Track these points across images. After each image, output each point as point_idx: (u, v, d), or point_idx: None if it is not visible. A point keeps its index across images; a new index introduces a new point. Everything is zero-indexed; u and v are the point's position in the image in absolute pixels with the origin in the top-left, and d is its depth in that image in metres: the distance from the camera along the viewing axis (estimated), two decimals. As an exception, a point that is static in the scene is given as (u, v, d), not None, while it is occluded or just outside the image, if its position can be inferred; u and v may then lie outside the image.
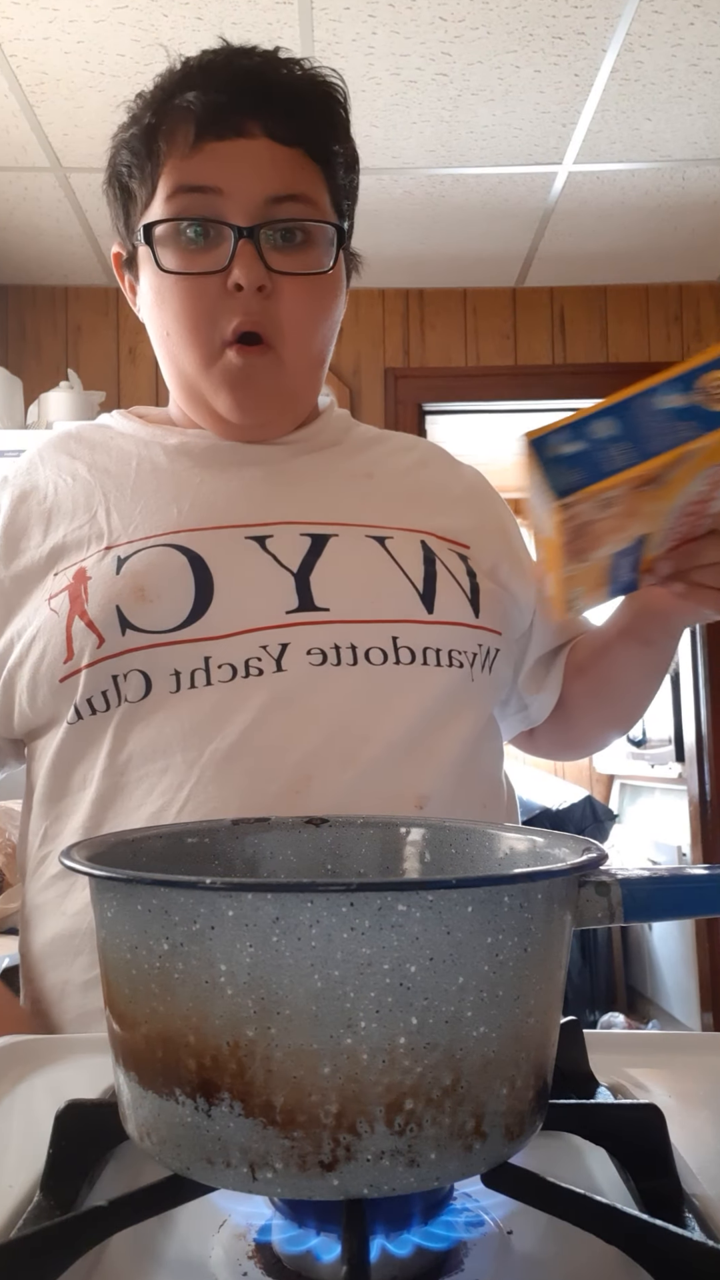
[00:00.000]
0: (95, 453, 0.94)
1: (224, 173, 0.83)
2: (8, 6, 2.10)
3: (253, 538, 0.85)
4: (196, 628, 0.80)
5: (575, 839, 0.50)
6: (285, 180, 0.84)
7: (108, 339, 3.52)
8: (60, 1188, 0.47)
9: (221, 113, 0.83)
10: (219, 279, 0.83)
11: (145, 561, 0.83)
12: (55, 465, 0.93)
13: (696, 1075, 0.63)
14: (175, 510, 0.87)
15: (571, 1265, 0.43)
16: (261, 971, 0.38)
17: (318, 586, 0.83)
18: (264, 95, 0.84)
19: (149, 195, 0.86)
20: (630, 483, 0.63)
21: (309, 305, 0.87)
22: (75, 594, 0.82)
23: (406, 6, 2.12)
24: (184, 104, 0.83)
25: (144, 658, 0.80)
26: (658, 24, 2.17)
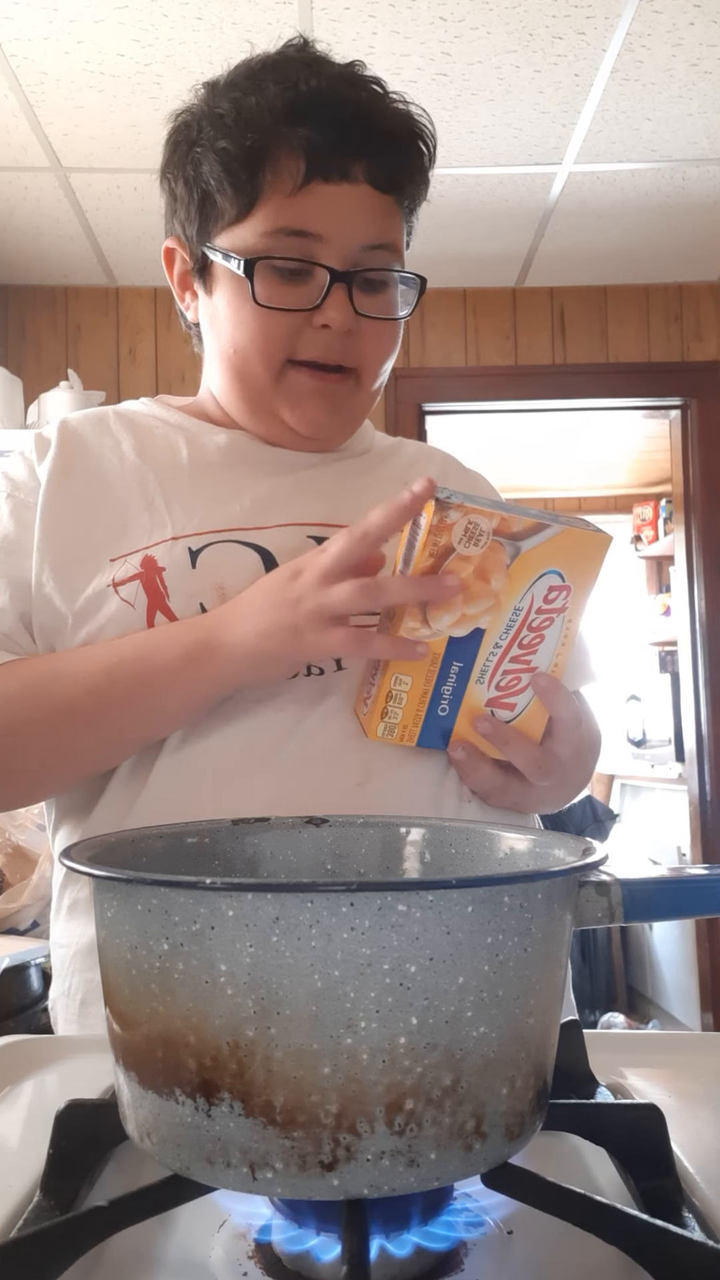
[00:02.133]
0: (140, 436, 0.95)
1: (327, 219, 0.85)
2: (8, 6, 2.10)
3: (313, 537, 0.88)
4: None
5: (575, 839, 0.50)
6: (380, 229, 0.87)
7: (108, 339, 3.52)
8: (60, 1188, 0.47)
9: (330, 154, 0.84)
10: (305, 315, 0.86)
11: (220, 557, 0.85)
12: (98, 441, 0.93)
13: (696, 1075, 0.63)
14: (237, 506, 0.89)
15: (571, 1265, 0.43)
16: (261, 971, 0.38)
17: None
18: (370, 138, 0.85)
19: (238, 216, 0.86)
20: (497, 524, 0.72)
21: (387, 344, 0.91)
22: (151, 585, 0.84)
23: (406, 6, 2.12)
24: (295, 138, 0.83)
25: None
26: (658, 24, 2.17)
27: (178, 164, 0.90)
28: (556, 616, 0.76)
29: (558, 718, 0.78)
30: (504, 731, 0.78)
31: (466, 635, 0.75)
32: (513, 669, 0.77)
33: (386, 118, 0.88)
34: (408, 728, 0.78)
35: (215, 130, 0.86)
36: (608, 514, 5.51)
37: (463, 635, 0.75)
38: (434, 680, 0.76)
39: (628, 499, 5.39)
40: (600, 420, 4.14)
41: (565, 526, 0.74)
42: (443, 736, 0.78)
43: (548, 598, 0.75)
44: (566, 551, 0.74)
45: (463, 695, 0.77)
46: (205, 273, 0.91)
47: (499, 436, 4.13)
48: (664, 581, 5.08)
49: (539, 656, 0.77)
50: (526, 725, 0.79)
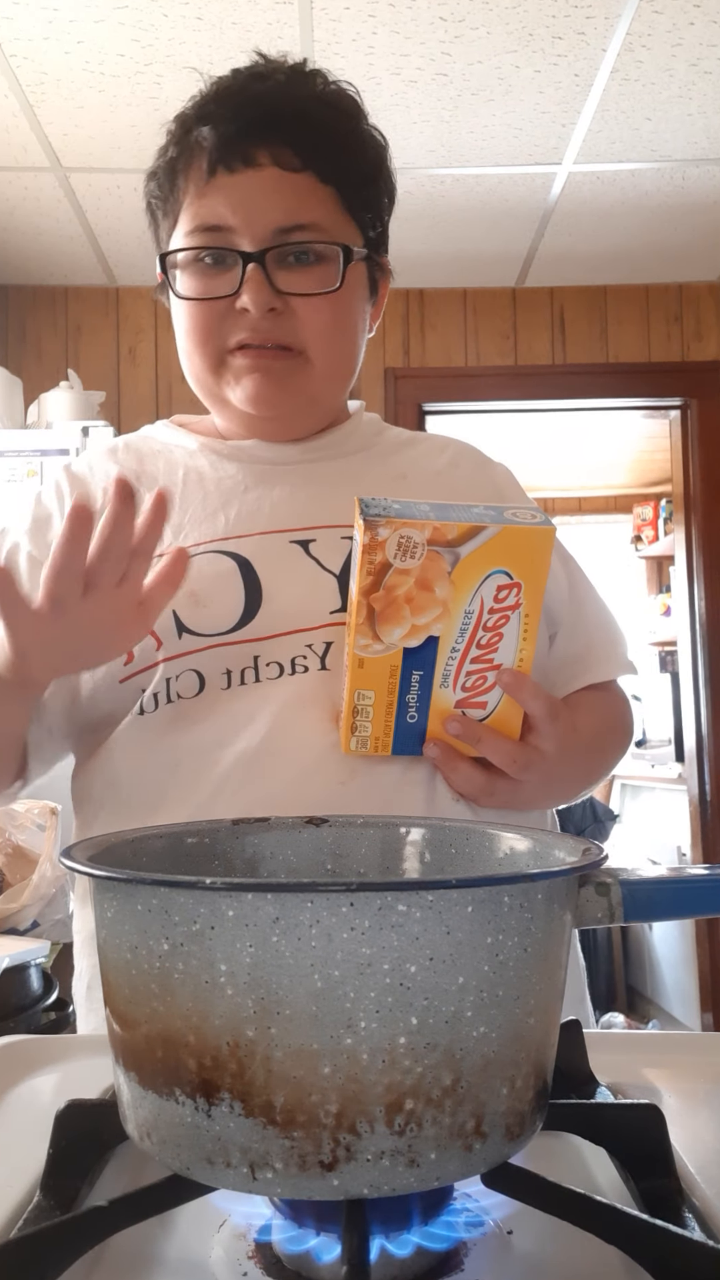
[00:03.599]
0: (143, 462, 0.98)
1: (233, 208, 0.87)
2: (8, 6, 2.10)
3: (296, 542, 0.90)
4: (247, 629, 0.85)
5: (575, 839, 0.50)
6: (292, 210, 0.87)
7: (108, 339, 3.51)
8: (60, 1188, 0.47)
9: (230, 144, 0.86)
10: (229, 301, 0.88)
11: (198, 568, 0.86)
12: (104, 474, 0.97)
13: (696, 1075, 0.63)
14: (223, 518, 0.91)
15: (571, 1265, 0.43)
16: (261, 971, 0.38)
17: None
18: (271, 123, 0.87)
19: (171, 226, 0.92)
20: (430, 534, 0.72)
21: (327, 319, 0.90)
22: None
23: (406, 6, 2.12)
24: (199, 138, 0.88)
25: (199, 659, 0.85)
26: (658, 24, 2.17)
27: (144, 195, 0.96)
28: (512, 614, 0.76)
29: (530, 712, 0.79)
30: (474, 729, 0.78)
31: (420, 644, 0.75)
32: (476, 669, 0.77)
33: (293, 99, 0.89)
34: (379, 739, 0.79)
35: (157, 155, 0.93)
36: (608, 514, 5.51)
37: (416, 645, 0.75)
38: (397, 690, 0.77)
39: (628, 499, 5.39)
40: (600, 420, 4.14)
41: (503, 525, 0.73)
42: (417, 742, 0.79)
43: (498, 597, 0.75)
44: (510, 549, 0.74)
45: (429, 700, 0.77)
46: (164, 288, 0.95)
47: (499, 436, 4.13)
48: (664, 581, 5.08)
49: (501, 654, 0.77)
50: (501, 722, 0.79)
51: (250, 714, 0.83)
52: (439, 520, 0.73)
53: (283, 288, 0.87)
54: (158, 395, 3.52)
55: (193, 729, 0.84)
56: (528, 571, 0.75)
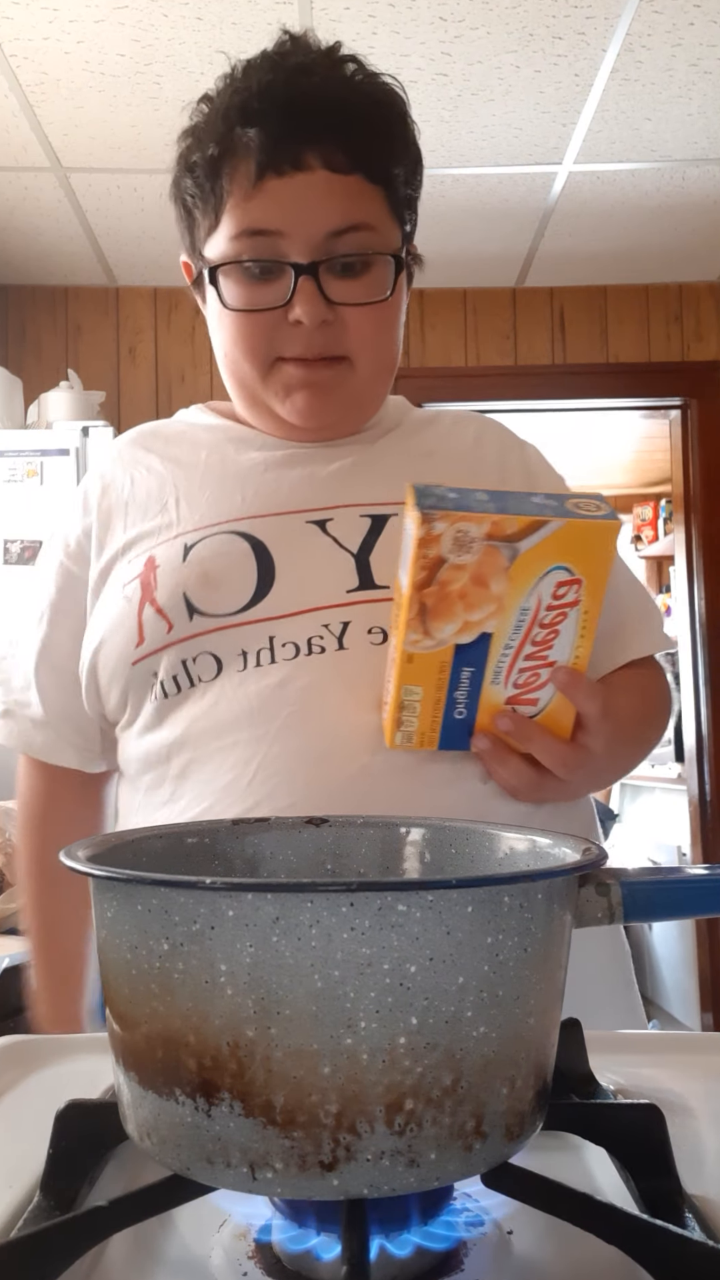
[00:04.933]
0: (170, 445, 0.98)
1: (284, 213, 0.85)
2: (8, 6, 2.10)
3: (313, 521, 0.89)
4: (260, 609, 0.84)
5: (575, 839, 0.50)
6: (344, 212, 0.85)
7: (108, 339, 3.51)
8: (60, 1188, 0.47)
9: (279, 147, 0.84)
10: (280, 312, 0.86)
11: (210, 548, 0.87)
12: (132, 459, 0.97)
13: (696, 1075, 0.63)
14: (239, 498, 0.90)
15: (571, 1265, 0.43)
16: (261, 971, 0.38)
17: (378, 566, 0.86)
18: (321, 124, 0.85)
19: (212, 226, 0.88)
20: (489, 528, 0.69)
21: (375, 326, 0.89)
22: (146, 581, 0.87)
23: (406, 6, 2.12)
24: (244, 138, 0.85)
25: (212, 640, 0.84)
26: (658, 24, 2.17)
27: (174, 184, 0.93)
28: (570, 610, 0.72)
29: (583, 712, 0.77)
30: (526, 728, 0.76)
31: (473, 641, 0.73)
32: (529, 665, 0.74)
33: (341, 98, 0.86)
34: (425, 734, 0.76)
35: (191, 146, 0.89)
36: (608, 514, 5.50)
37: (469, 642, 0.73)
38: (445, 687, 0.74)
39: (628, 499, 5.39)
40: (600, 420, 4.14)
41: (567, 520, 0.70)
42: (465, 737, 0.77)
43: (557, 593, 0.72)
44: (573, 545, 0.70)
45: (479, 696, 0.75)
46: (200, 284, 0.94)
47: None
48: (664, 581, 5.08)
49: (556, 651, 0.74)
50: (553, 720, 0.76)
51: (272, 694, 0.82)
52: (498, 513, 0.69)
53: (334, 298, 0.86)
54: (158, 395, 3.52)
55: (219, 710, 0.83)
56: (590, 567, 0.71)
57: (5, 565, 2.59)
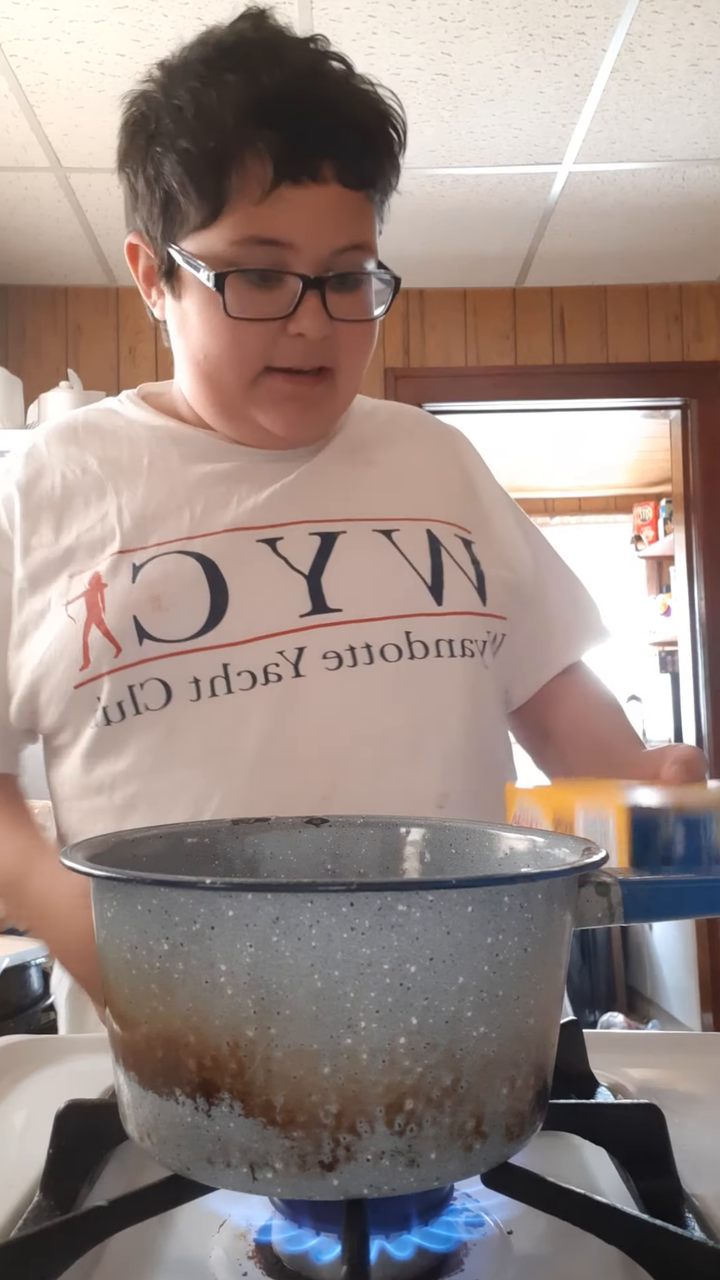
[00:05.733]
0: (105, 443, 0.93)
1: (297, 225, 0.82)
2: (8, 6, 2.10)
3: (264, 540, 0.86)
4: (213, 635, 0.82)
5: (575, 839, 0.50)
6: (352, 230, 0.84)
7: (108, 339, 3.51)
8: (60, 1188, 0.47)
9: (295, 155, 0.81)
10: (280, 322, 0.84)
11: (160, 570, 0.84)
12: (64, 455, 0.93)
13: (696, 1075, 0.63)
14: (188, 514, 0.87)
15: (571, 1265, 0.43)
16: (261, 971, 0.38)
17: (329, 587, 0.85)
18: (339, 135, 0.82)
19: (204, 221, 0.83)
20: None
21: (362, 342, 0.88)
22: (92, 602, 0.84)
23: (406, 6, 2.12)
24: (261, 141, 0.80)
25: (162, 666, 0.81)
26: (658, 24, 2.17)
27: (137, 159, 0.86)
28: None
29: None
30: None
31: None
32: None
33: (355, 110, 0.84)
34: None
35: (175, 125, 0.82)
36: (608, 514, 5.51)
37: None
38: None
39: (628, 499, 5.39)
40: (600, 420, 4.14)
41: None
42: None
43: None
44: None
45: None
46: (172, 275, 0.89)
47: (499, 436, 4.13)
48: (664, 581, 5.08)
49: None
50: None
51: (231, 728, 0.80)
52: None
53: (335, 313, 0.84)
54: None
55: (172, 743, 0.81)
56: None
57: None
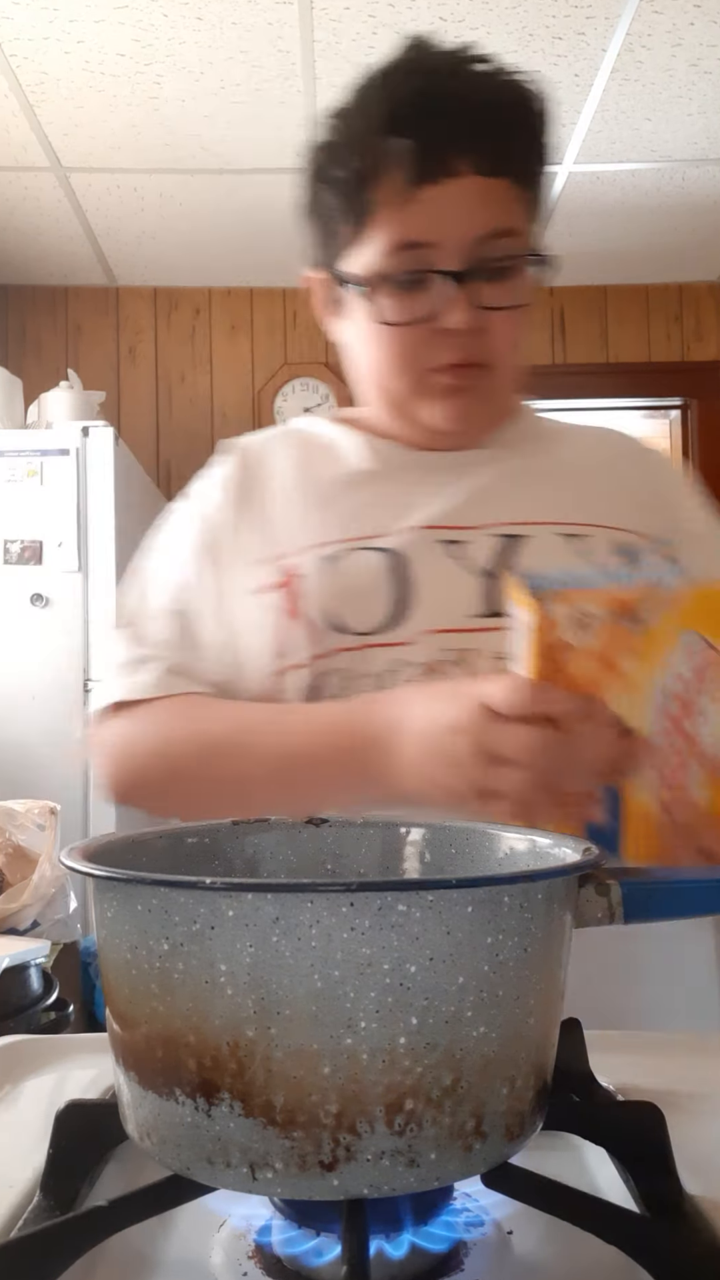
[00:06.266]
0: (304, 451, 0.98)
1: (437, 224, 0.84)
2: (8, 6, 2.10)
3: (448, 540, 0.88)
4: (392, 633, 0.84)
5: (575, 839, 0.50)
6: (494, 217, 0.85)
7: (108, 339, 3.51)
8: (60, 1188, 0.47)
9: (429, 155, 0.83)
10: (430, 321, 0.86)
11: (350, 564, 0.86)
12: (269, 461, 0.97)
13: (696, 1075, 0.63)
14: (378, 512, 0.90)
15: (571, 1265, 0.43)
16: (261, 971, 0.38)
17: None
18: (474, 129, 0.84)
19: (354, 239, 0.87)
20: (608, 606, 0.63)
21: (516, 328, 0.89)
22: (286, 592, 0.87)
23: (406, 6, 2.12)
24: (393, 147, 0.83)
25: (345, 659, 0.84)
26: (658, 24, 2.17)
27: (309, 200, 0.92)
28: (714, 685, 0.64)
29: None
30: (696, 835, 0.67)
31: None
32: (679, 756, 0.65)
33: (488, 101, 0.85)
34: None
35: (328, 159, 0.88)
36: (608, 514, 5.50)
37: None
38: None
39: (628, 499, 5.38)
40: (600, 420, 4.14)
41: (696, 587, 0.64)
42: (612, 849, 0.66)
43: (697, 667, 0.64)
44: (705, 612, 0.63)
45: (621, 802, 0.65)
46: (338, 297, 0.93)
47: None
48: (664, 581, 5.07)
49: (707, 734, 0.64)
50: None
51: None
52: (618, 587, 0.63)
53: (485, 303, 0.85)
54: (158, 395, 3.52)
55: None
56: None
57: (5, 565, 2.59)
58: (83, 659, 2.59)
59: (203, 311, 3.53)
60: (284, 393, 3.53)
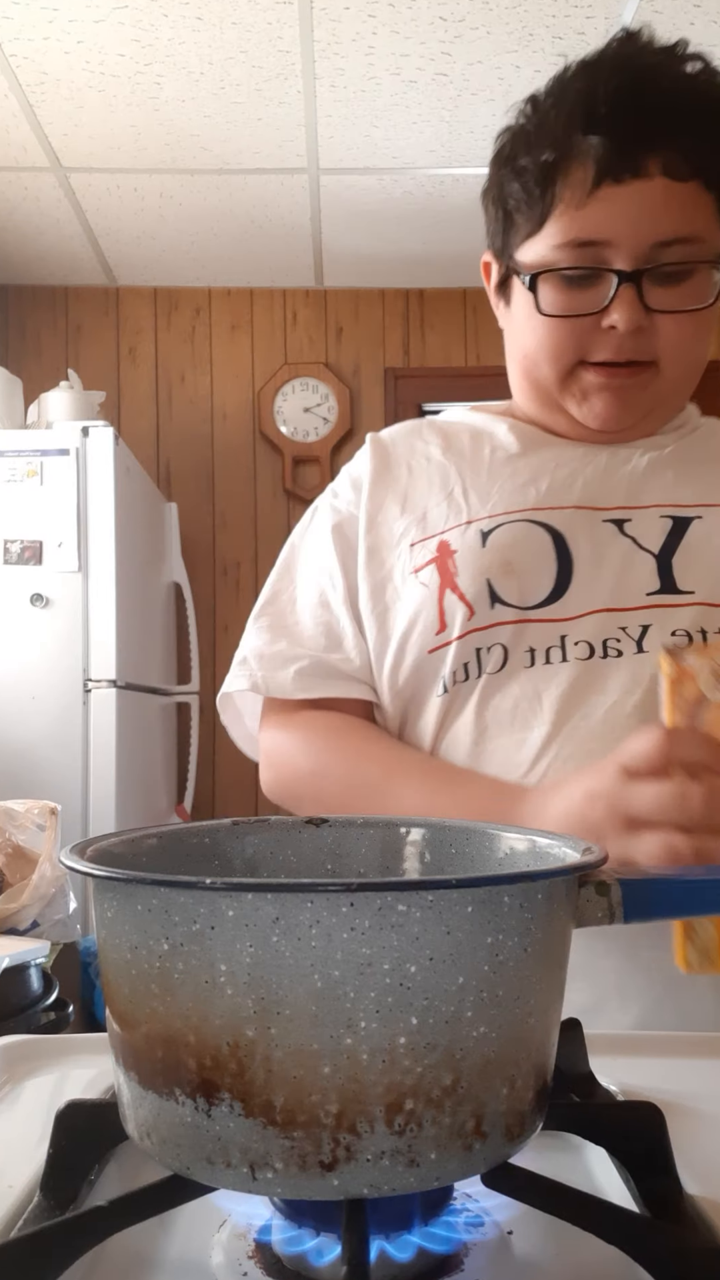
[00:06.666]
0: (448, 437, 0.97)
1: (615, 224, 0.82)
2: (8, 6, 2.10)
3: (611, 520, 0.87)
4: (555, 607, 0.83)
5: (575, 839, 0.50)
6: (676, 223, 0.83)
7: (108, 339, 3.51)
8: (60, 1188, 0.47)
9: (621, 154, 0.81)
10: (594, 317, 0.85)
11: (510, 536, 0.85)
12: (409, 447, 0.97)
13: (696, 1075, 0.63)
14: (533, 490, 0.89)
15: (571, 1265, 0.43)
16: (261, 971, 0.38)
17: (680, 569, 0.84)
18: (667, 129, 0.82)
19: (533, 230, 0.87)
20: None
21: (689, 332, 0.87)
22: (443, 567, 0.86)
23: (406, 6, 2.12)
24: (586, 145, 0.82)
25: (508, 632, 0.83)
26: (658, 24, 2.17)
27: (492, 183, 0.92)
28: None
29: None
30: None
31: None
32: None
33: (688, 103, 0.83)
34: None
35: (520, 147, 0.87)
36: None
37: None
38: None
39: (628, 499, 5.38)
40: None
41: None
42: None
43: None
44: None
45: None
46: (506, 284, 0.93)
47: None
48: (664, 581, 5.07)
49: None
50: None
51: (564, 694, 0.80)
52: None
53: (653, 305, 0.84)
54: (158, 395, 3.52)
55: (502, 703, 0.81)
56: None
57: (5, 565, 2.59)
58: (83, 659, 2.59)
59: (203, 311, 3.53)
60: (284, 392, 3.53)
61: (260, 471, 3.55)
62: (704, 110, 0.83)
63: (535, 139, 0.85)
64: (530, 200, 0.86)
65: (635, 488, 0.89)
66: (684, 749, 0.62)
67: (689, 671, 0.63)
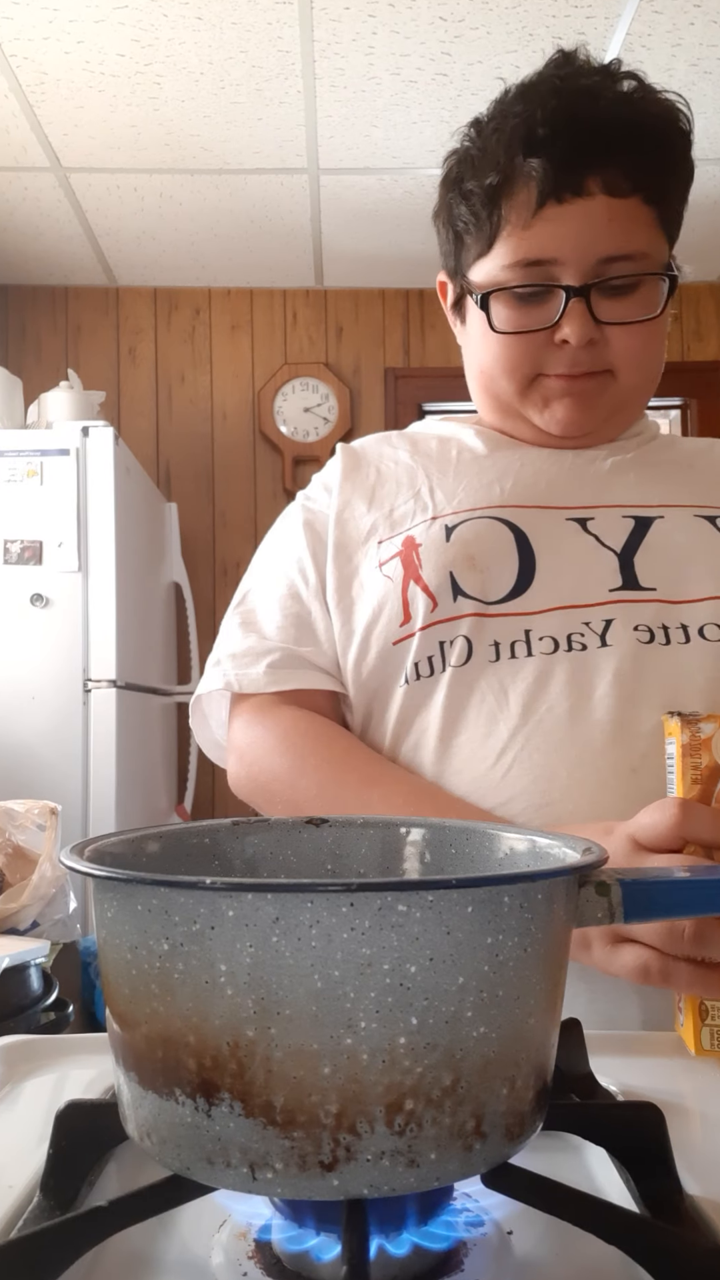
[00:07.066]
0: (416, 444, 1.00)
1: (561, 241, 0.85)
2: (8, 6, 2.10)
3: (574, 519, 0.88)
4: (518, 602, 0.84)
5: (575, 839, 0.50)
6: (619, 239, 0.86)
7: (108, 339, 3.51)
8: (60, 1188, 0.47)
9: (562, 174, 0.84)
10: (546, 332, 0.88)
11: (473, 531, 0.87)
12: (377, 454, 1.00)
13: (696, 1075, 0.63)
14: (498, 488, 0.91)
15: (571, 1265, 0.43)
16: (261, 971, 0.38)
17: (642, 567, 0.85)
18: (606, 150, 0.84)
19: (482, 251, 0.89)
20: None
21: (640, 341, 0.89)
22: (408, 560, 0.88)
23: (406, 6, 2.12)
24: (528, 168, 0.84)
25: (470, 625, 0.84)
26: (658, 24, 2.17)
27: (442, 206, 0.94)
28: None
29: None
30: None
31: None
32: None
33: (625, 122, 0.85)
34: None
35: (466, 170, 0.90)
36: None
37: None
38: None
39: (628, 499, 5.38)
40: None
41: None
42: None
43: None
44: None
45: None
46: (460, 303, 0.95)
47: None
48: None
49: None
50: None
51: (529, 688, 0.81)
52: None
53: (602, 317, 0.86)
54: (158, 395, 3.52)
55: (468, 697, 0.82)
56: None
57: (5, 565, 2.59)
58: (82, 659, 2.59)
59: (203, 311, 3.53)
60: (284, 392, 3.53)
61: (260, 471, 3.56)
62: (640, 128, 0.86)
63: (479, 163, 0.88)
64: (478, 222, 0.89)
65: (598, 488, 0.91)
66: (700, 827, 0.60)
67: (703, 739, 0.61)
